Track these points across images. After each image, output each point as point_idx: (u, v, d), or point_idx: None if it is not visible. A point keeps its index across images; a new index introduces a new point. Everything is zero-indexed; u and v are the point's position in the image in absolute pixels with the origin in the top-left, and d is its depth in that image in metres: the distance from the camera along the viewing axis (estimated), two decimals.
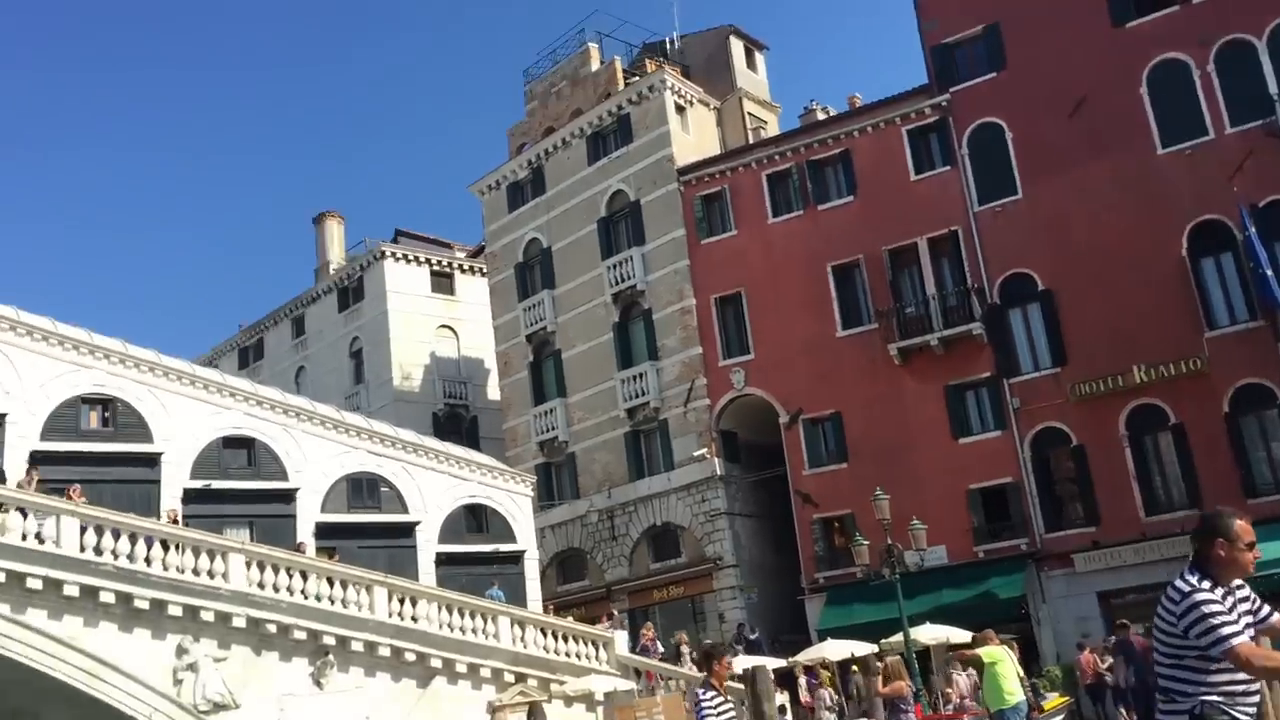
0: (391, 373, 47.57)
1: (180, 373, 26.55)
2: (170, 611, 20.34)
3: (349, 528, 27.76)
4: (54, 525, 19.60)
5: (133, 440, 25.28)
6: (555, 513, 38.90)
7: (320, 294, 52.48)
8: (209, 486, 25.89)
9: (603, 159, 40.50)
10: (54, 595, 19.35)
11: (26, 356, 24.38)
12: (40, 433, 24.12)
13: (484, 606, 25.06)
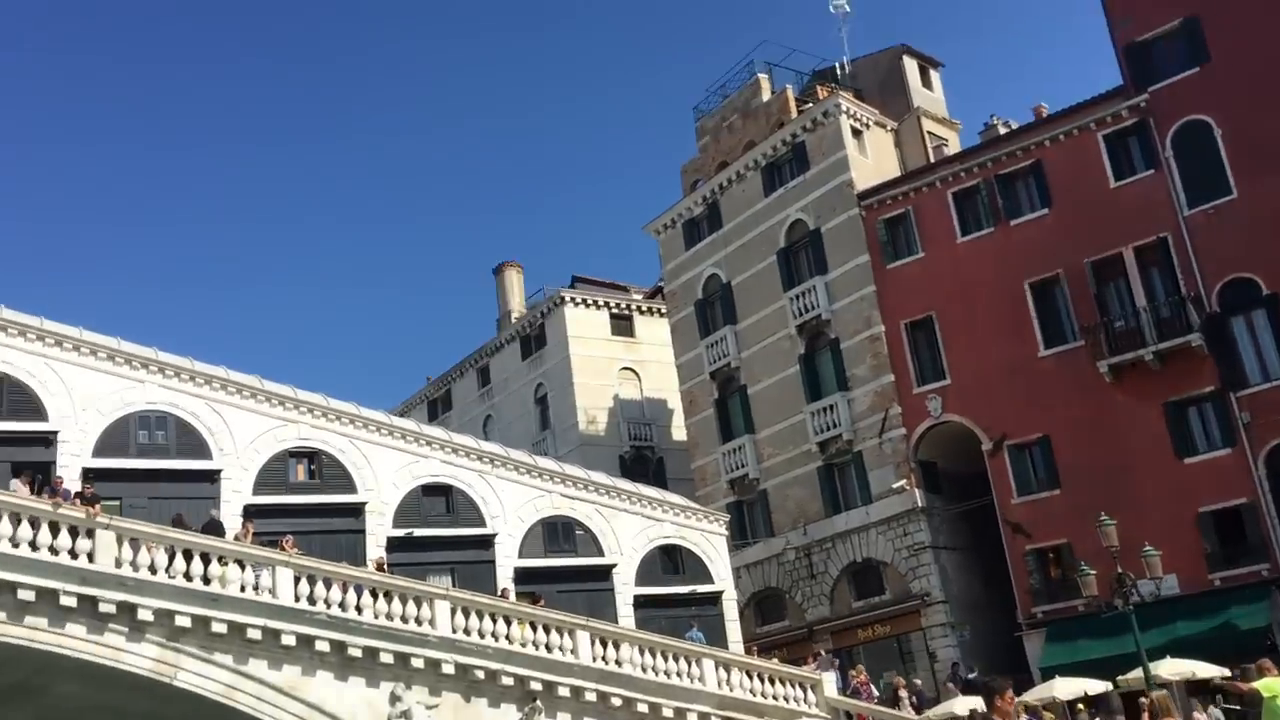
0: (576, 417, 47.98)
1: (379, 424, 27.24)
2: (382, 659, 20.61)
3: (546, 572, 27.81)
4: (270, 576, 20.17)
5: (338, 491, 26.01)
6: (750, 552, 38.22)
7: (503, 343, 53.56)
8: (411, 534, 26.37)
9: (779, 189, 40.03)
10: (273, 645, 19.86)
11: (237, 414, 25.44)
12: (252, 487, 25.05)
13: (687, 649, 24.58)
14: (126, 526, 19.60)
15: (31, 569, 18.32)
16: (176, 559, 19.63)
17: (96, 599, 18.70)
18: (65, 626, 18.55)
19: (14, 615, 18.24)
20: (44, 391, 23.45)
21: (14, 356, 23.40)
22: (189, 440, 24.70)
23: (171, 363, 24.99)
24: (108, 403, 24.05)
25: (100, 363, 24.21)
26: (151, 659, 19.04)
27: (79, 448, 23.31)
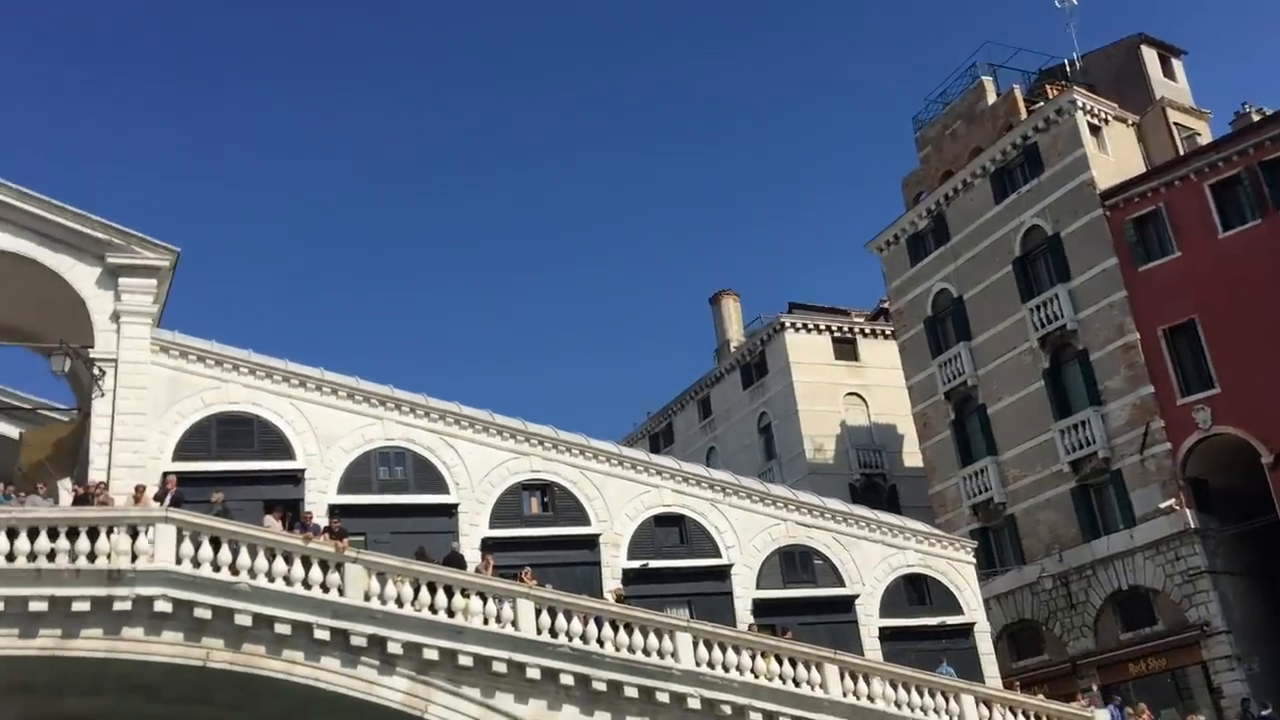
0: (803, 445, 46.95)
1: (609, 454, 27.10)
2: (627, 693, 20.25)
3: (786, 604, 26.90)
4: (511, 609, 20.15)
5: (571, 524, 25.96)
6: (999, 581, 36.14)
7: (723, 373, 53.13)
8: (646, 566, 26.02)
9: (1011, 195, 38.12)
10: (518, 678, 19.80)
11: (471, 447, 25.79)
12: (489, 520, 25.30)
13: (944, 683, 23.21)
14: (373, 560, 19.98)
15: (287, 603, 18.86)
16: (422, 592, 19.87)
17: (348, 632, 19.08)
18: (320, 660, 18.99)
19: (273, 649, 18.80)
20: (291, 431, 24.38)
21: (263, 398, 24.45)
22: (426, 475, 25.17)
23: (407, 399, 25.59)
24: (349, 440, 24.79)
25: (341, 401, 25.01)
26: (403, 692, 19.26)
27: (325, 484, 24.09)
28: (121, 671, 18.62)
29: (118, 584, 17.97)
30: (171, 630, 18.32)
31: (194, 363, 24.16)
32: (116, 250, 23.85)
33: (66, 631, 17.77)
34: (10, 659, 17.69)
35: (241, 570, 18.76)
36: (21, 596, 17.46)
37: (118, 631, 18.04)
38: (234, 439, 23.89)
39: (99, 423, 22.89)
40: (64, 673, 18.47)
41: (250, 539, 19.20)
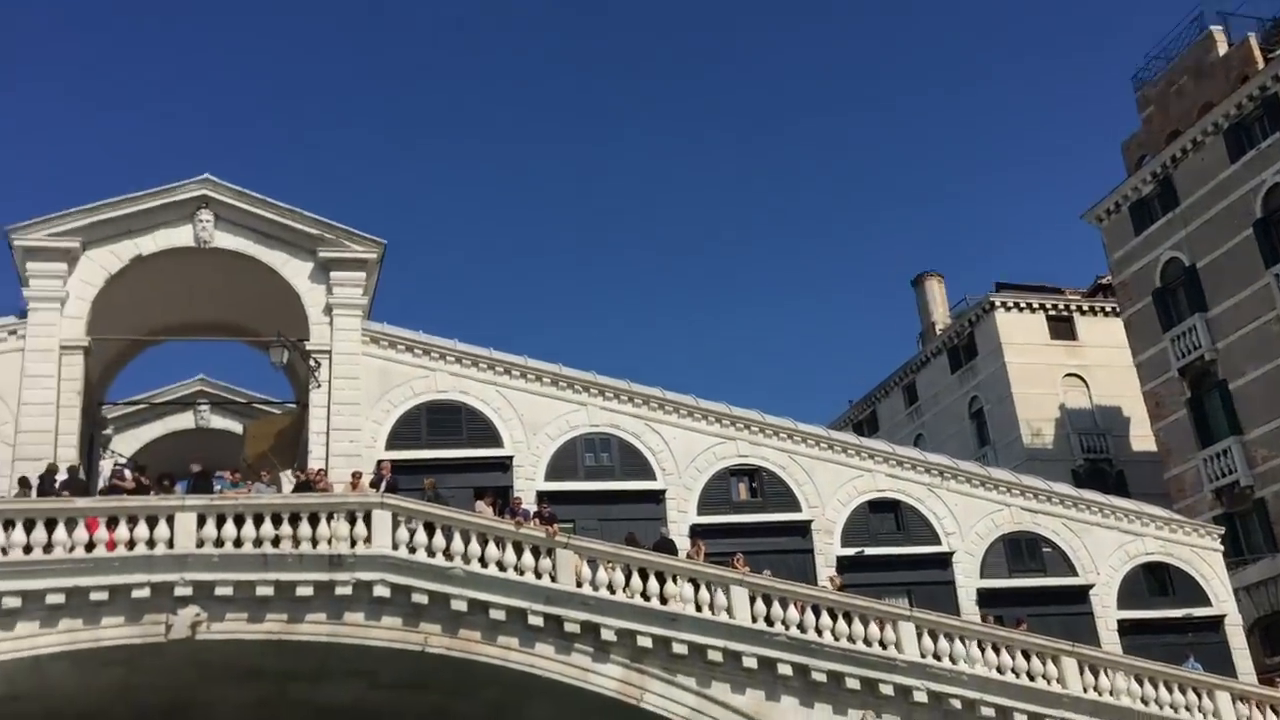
0: (1019, 430, 44.82)
1: (818, 438, 26.31)
2: (848, 684, 19.51)
3: (1013, 593, 25.47)
4: (725, 596, 19.66)
5: (781, 509, 25.31)
6: (1249, 571, 33.44)
7: (929, 357, 51.35)
8: (862, 553, 25.10)
9: (1249, 152, 35.28)
10: (734, 668, 19.31)
11: (676, 432, 25.47)
12: (697, 507, 24.91)
13: (1195, 679, 21.51)
14: (584, 545, 19.84)
15: (501, 588, 18.90)
16: (633, 578, 19.61)
17: (561, 618, 18.98)
18: (535, 646, 18.96)
19: (488, 635, 18.86)
20: (497, 418, 24.61)
21: (470, 386, 24.75)
22: (632, 461, 25.00)
23: (610, 384, 25.48)
24: (554, 427, 24.85)
25: (545, 388, 25.10)
26: (617, 680, 19.03)
27: (532, 471, 24.20)
28: (344, 656, 19.04)
29: (339, 569, 18.37)
30: (390, 615, 18.61)
31: (402, 353, 24.66)
32: (327, 245, 24.58)
33: (292, 616, 18.27)
34: (240, 643, 18.31)
35: (455, 555, 18.91)
36: (249, 581, 18.03)
37: (340, 616, 18.43)
38: (443, 427, 24.27)
39: (316, 413, 23.61)
40: (290, 657, 19.01)
41: (463, 524, 19.34)
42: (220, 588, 17.89)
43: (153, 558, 17.71)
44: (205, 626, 17.90)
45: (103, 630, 17.58)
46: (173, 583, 17.69)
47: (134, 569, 17.61)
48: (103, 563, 17.56)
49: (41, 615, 17.35)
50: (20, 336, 22.59)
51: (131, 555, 17.70)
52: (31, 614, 17.31)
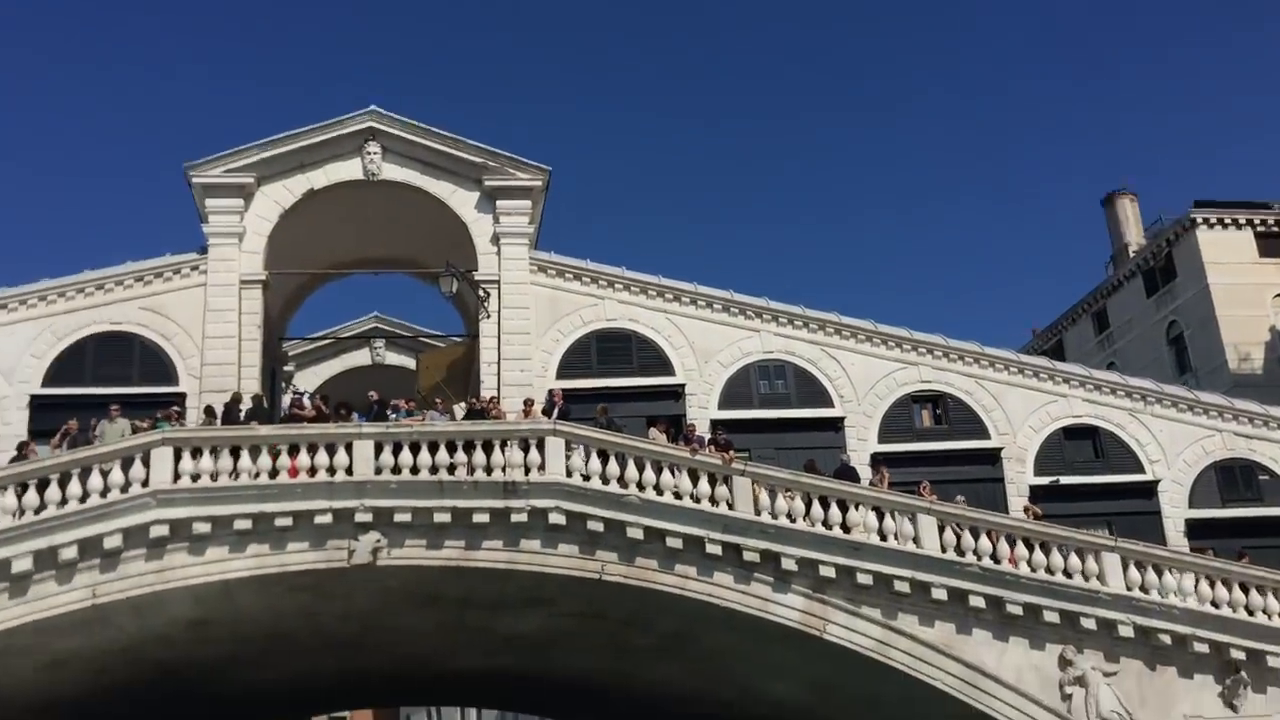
0: (1224, 355, 42.05)
1: (1007, 361, 25.02)
2: (1046, 618, 18.55)
3: (1227, 524, 23.85)
4: (911, 525, 18.88)
5: (968, 437, 24.22)
6: None
7: (1122, 280, 48.62)
8: (1057, 482, 23.82)
9: None
10: (922, 599, 18.57)
11: (854, 358, 24.61)
12: (877, 435, 24.06)
13: None
14: (762, 472, 19.31)
15: (678, 516, 18.56)
16: (814, 506, 19.00)
17: (740, 547, 18.54)
18: (713, 575, 18.59)
19: (665, 564, 18.58)
20: (668, 346, 24.20)
21: (639, 314, 24.38)
22: (809, 388, 24.28)
23: (784, 310, 24.76)
24: (727, 354, 24.33)
25: (716, 314, 24.56)
26: (799, 610, 18.52)
27: (705, 400, 23.77)
28: (521, 584, 19.06)
29: (513, 496, 18.31)
30: (567, 543, 18.51)
31: (570, 281, 24.45)
32: (492, 173, 24.47)
33: (470, 543, 18.34)
34: (420, 569, 18.49)
35: (630, 483, 18.63)
36: (426, 508, 18.15)
37: (516, 543, 18.43)
38: (613, 356, 24.01)
39: (486, 344, 23.65)
40: (469, 584, 19.15)
41: (637, 451, 19.03)
42: (399, 514, 18.06)
43: (333, 484, 17.99)
44: (386, 552, 18.13)
45: (288, 556, 17.98)
46: (353, 509, 17.93)
47: (315, 495, 17.92)
48: (286, 489, 17.91)
49: (230, 541, 17.84)
50: (202, 272, 23.27)
51: (313, 482, 18.01)
52: (220, 539, 17.81)
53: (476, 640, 22.75)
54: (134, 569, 17.54)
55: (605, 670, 24.17)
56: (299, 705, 35.18)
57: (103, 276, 22.97)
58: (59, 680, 19.66)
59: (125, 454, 17.89)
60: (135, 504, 17.51)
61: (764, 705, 22.87)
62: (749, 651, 20.34)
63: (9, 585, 17.08)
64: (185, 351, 22.77)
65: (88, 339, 22.64)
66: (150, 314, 22.91)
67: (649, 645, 21.52)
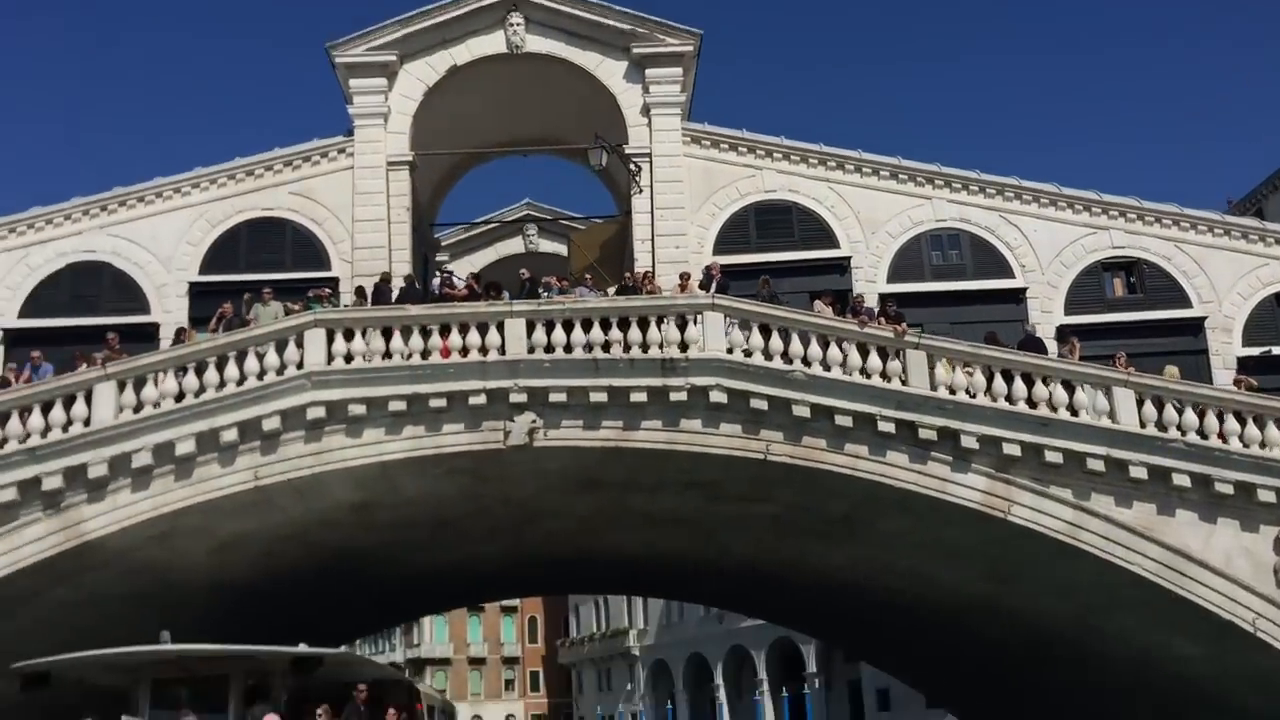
0: None
1: (1211, 223, 22.93)
2: (1260, 497, 17.20)
3: None
4: (1106, 399, 17.49)
5: (1166, 306, 22.37)
6: None
7: None
8: (1269, 353, 21.84)
9: None
10: (1118, 478, 17.41)
11: (1035, 224, 22.91)
12: (1064, 306, 22.44)
13: None
14: (938, 345, 18.17)
15: (846, 393, 17.61)
16: (996, 380, 17.77)
17: (915, 424, 17.53)
18: (886, 455, 17.65)
19: (834, 443, 17.70)
20: (831, 217, 22.91)
21: (800, 184, 23.12)
22: (986, 258, 22.72)
23: (958, 175, 23.14)
24: (895, 224, 22.91)
25: (883, 182, 23.12)
26: (980, 491, 17.47)
27: (872, 273, 22.48)
28: (681, 466, 18.46)
29: (671, 374, 17.62)
30: (729, 422, 17.78)
31: (726, 152, 23.32)
32: (640, 40, 23.36)
33: (627, 423, 17.78)
34: (578, 451, 18.03)
35: (795, 358, 17.74)
36: (582, 387, 17.62)
37: (676, 423, 17.79)
38: (773, 229, 22.90)
39: (639, 220, 22.83)
40: (628, 467, 18.65)
41: (802, 325, 18.09)
42: (554, 394, 17.58)
43: (486, 364, 17.59)
44: (542, 434, 17.73)
45: (443, 437, 17.74)
46: (507, 389, 17.53)
47: (468, 375, 17.57)
48: (438, 369, 17.61)
49: (386, 422, 17.68)
50: (349, 155, 22.96)
51: (466, 362, 17.66)
52: (376, 421, 17.67)
53: (638, 526, 22.42)
54: (293, 451, 17.58)
55: (769, 557, 23.61)
56: (465, 592, 36.04)
57: (252, 162, 22.90)
58: (229, 563, 20.12)
59: (279, 336, 17.84)
60: (291, 386, 17.49)
61: (937, 594, 21.98)
62: (923, 536, 19.42)
63: (174, 468, 17.33)
64: (336, 236, 22.61)
65: (241, 225, 22.68)
66: (300, 199, 22.78)
67: (816, 530, 20.77)
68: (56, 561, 17.25)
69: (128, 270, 22.31)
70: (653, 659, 69.28)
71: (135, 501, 17.30)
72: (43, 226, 22.42)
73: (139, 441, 17.12)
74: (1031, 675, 23.31)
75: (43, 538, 17.07)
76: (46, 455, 17.02)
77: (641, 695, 70.39)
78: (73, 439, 17.07)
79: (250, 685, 13.25)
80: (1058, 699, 22.87)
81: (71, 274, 22.30)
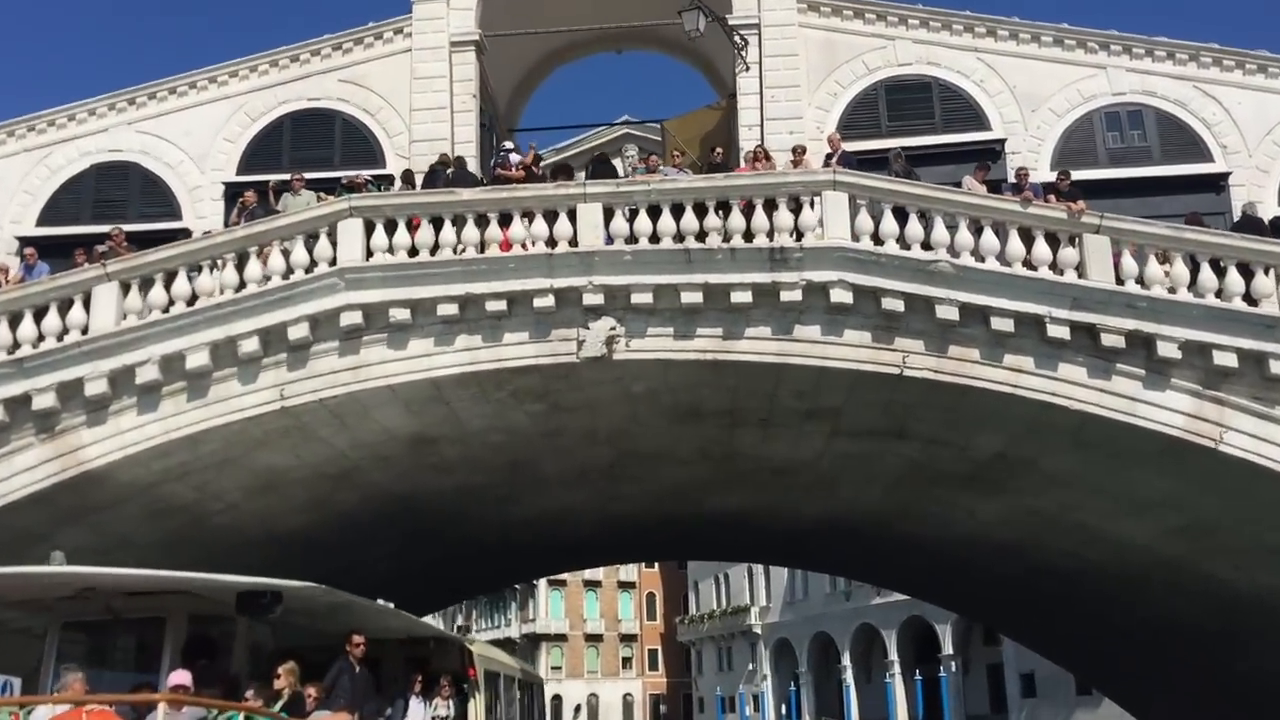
0: None
1: None
2: None
3: None
4: None
5: None
6: None
7: None
8: None
9: None
10: None
11: (1241, 97, 19.14)
12: (1278, 195, 18.67)
13: None
14: (1128, 227, 14.71)
15: (1005, 288, 14.38)
16: (1203, 272, 14.27)
17: (1096, 328, 14.20)
18: (1058, 368, 14.34)
19: (989, 352, 14.44)
20: (981, 93, 19.53)
21: (940, 55, 19.75)
22: (1176, 138, 19.13)
23: (1139, 40, 19.53)
24: (1060, 100, 19.44)
25: (1045, 50, 19.63)
26: (1183, 414, 14.10)
27: (1033, 158, 18.96)
28: (797, 386, 15.41)
29: (782, 267, 14.54)
30: (854, 328, 14.65)
31: (850, 20, 20.07)
32: None
33: (728, 330, 14.78)
34: (669, 365, 15.07)
35: (939, 247, 14.51)
36: (671, 285, 14.67)
37: (789, 330, 14.72)
38: (908, 110, 19.64)
39: (746, 103, 19.78)
40: (732, 390, 15.67)
41: (948, 205, 14.85)
42: (637, 293, 14.65)
43: (554, 257, 14.75)
44: (624, 343, 14.83)
45: (504, 348, 14.96)
46: (579, 288, 14.68)
47: (532, 271, 14.75)
48: (497, 265, 14.84)
49: (435, 331, 15.00)
50: (407, 35, 20.34)
51: (529, 254, 14.84)
52: (423, 329, 15.00)
53: (748, 474, 19.41)
54: (325, 365, 15.02)
55: (902, 513, 20.37)
56: (560, 555, 33.19)
57: (298, 48, 20.46)
58: (275, 509, 17.81)
59: (308, 229, 15.28)
60: (321, 285, 14.91)
61: (1111, 556, 18.51)
62: (1100, 480, 16.05)
63: (186, 384, 14.92)
64: (391, 129, 20.04)
65: (284, 119, 20.25)
66: (351, 86, 20.26)
67: (960, 476, 17.46)
68: (55, 495, 15.00)
69: (158, 171, 20.14)
70: (775, 638, 66.40)
71: (141, 425, 14.91)
72: (65, 123, 20.35)
73: (143, 352, 14.73)
74: (1224, 661, 19.61)
75: (35, 466, 14.82)
76: (37, 368, 14.76)
77: (763, 676, 67.58)
78: (67, 348, 14.78)
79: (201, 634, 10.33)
80: (1259, 697, 19.12)
81: (96, 176, 20.24)
